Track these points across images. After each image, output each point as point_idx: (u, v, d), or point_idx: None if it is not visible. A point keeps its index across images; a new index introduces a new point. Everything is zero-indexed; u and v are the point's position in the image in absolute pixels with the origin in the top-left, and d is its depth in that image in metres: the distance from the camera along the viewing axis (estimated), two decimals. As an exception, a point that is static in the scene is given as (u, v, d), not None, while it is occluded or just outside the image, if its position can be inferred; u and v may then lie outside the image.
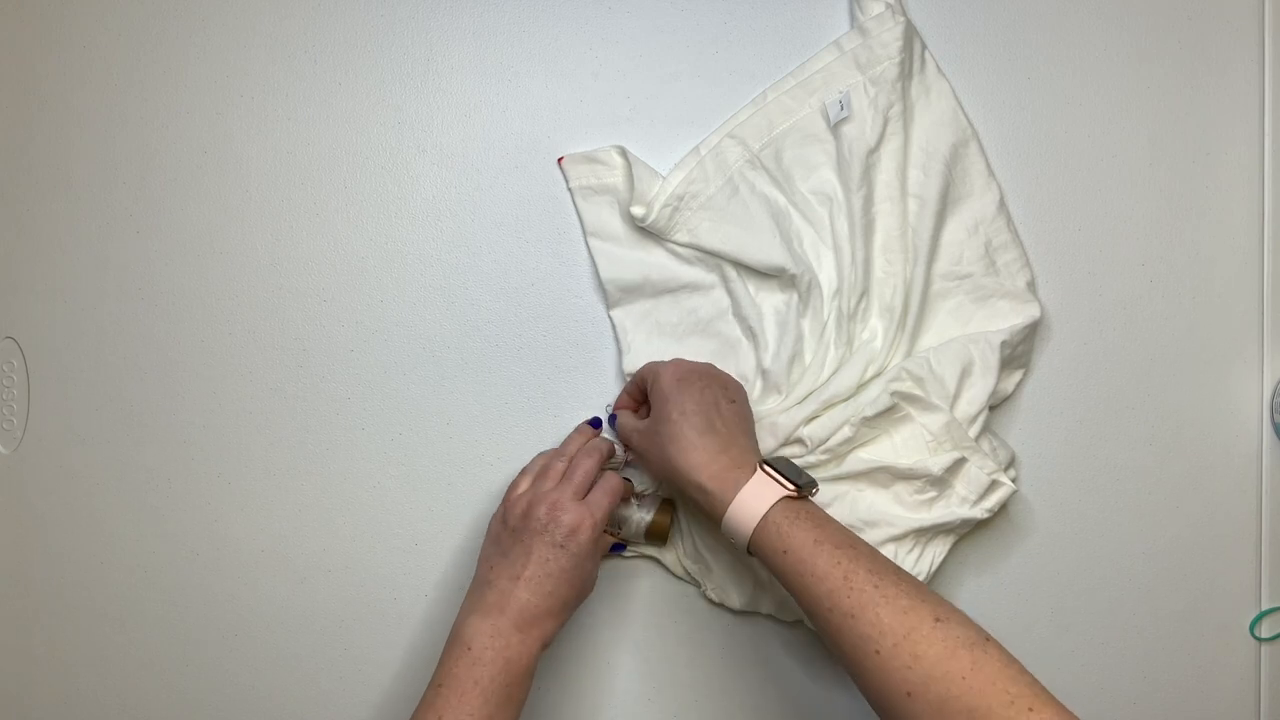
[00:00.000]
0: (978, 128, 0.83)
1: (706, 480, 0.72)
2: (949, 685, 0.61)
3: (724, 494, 0.71)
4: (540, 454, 0.81)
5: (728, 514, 0.70)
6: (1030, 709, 0.61)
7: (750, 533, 0.70)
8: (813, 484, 0.72)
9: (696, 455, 0.73)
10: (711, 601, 0.82)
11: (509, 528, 0.75)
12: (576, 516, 0.73)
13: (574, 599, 0.74)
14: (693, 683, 0.83)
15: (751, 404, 0.81)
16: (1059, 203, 0.84)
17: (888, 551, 0.79)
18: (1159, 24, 0.84)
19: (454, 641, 0.72)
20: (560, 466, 0.78)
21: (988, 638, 0.64)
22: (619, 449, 0.82)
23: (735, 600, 0.82)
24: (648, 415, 0.78)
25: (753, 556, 0.71)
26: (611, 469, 0.81)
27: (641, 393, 0.81)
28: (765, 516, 0.69)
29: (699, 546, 0.82)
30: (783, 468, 0.72)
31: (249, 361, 0.85)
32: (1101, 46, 0.84)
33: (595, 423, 0.83)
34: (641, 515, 0.80)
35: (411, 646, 0.84)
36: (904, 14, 0.82)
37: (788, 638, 0.83)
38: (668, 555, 0.83)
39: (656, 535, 0.81)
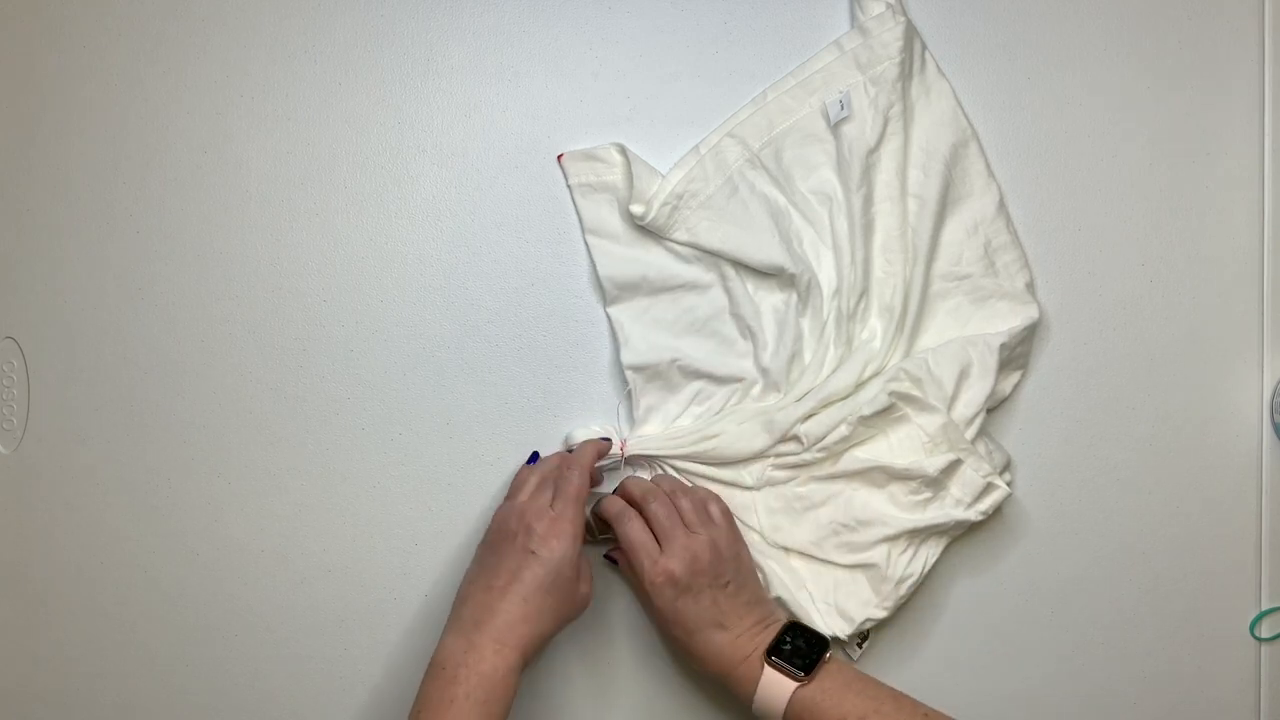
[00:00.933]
0: (978, 128, 0.83)
1: (726, 678, 0.75)
2: None
3: (745, 690, 0.74)
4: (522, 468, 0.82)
5: (754, 709, 0.74)
6: None
7: None
8: (824, 652, 0.74)
9: (711, 664, 0.75)
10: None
11: (488, 543, 0.76)
12: (548, 524, 0.74)
13: (553, 607, 0.73)
14: (684, 685, 0.83)
15: (750, 401, 0.81)
16: (1059, 203, 0.84)
17: (881, 551, 0.79)
18: (1159, 24, 0.84)
19: (430, 667, 0.72)
20: (533, 480, 0.79)
21: None
22: (615, 440, 0.81)
23: None
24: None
25: None
26: (611, 468, 0.81)
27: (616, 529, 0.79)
28: (786, 713, 0.73)
29: None
30: (791, 649, 0.74)
31: (249, 361, 0.85)
32: (1101, 46, 0.84)
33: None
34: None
35: (411, 646, 0.84)
36: (904, 14, 0.82)
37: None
38: None
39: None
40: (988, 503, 0.79)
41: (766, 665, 0.73)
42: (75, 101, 0.87)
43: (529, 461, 0.82)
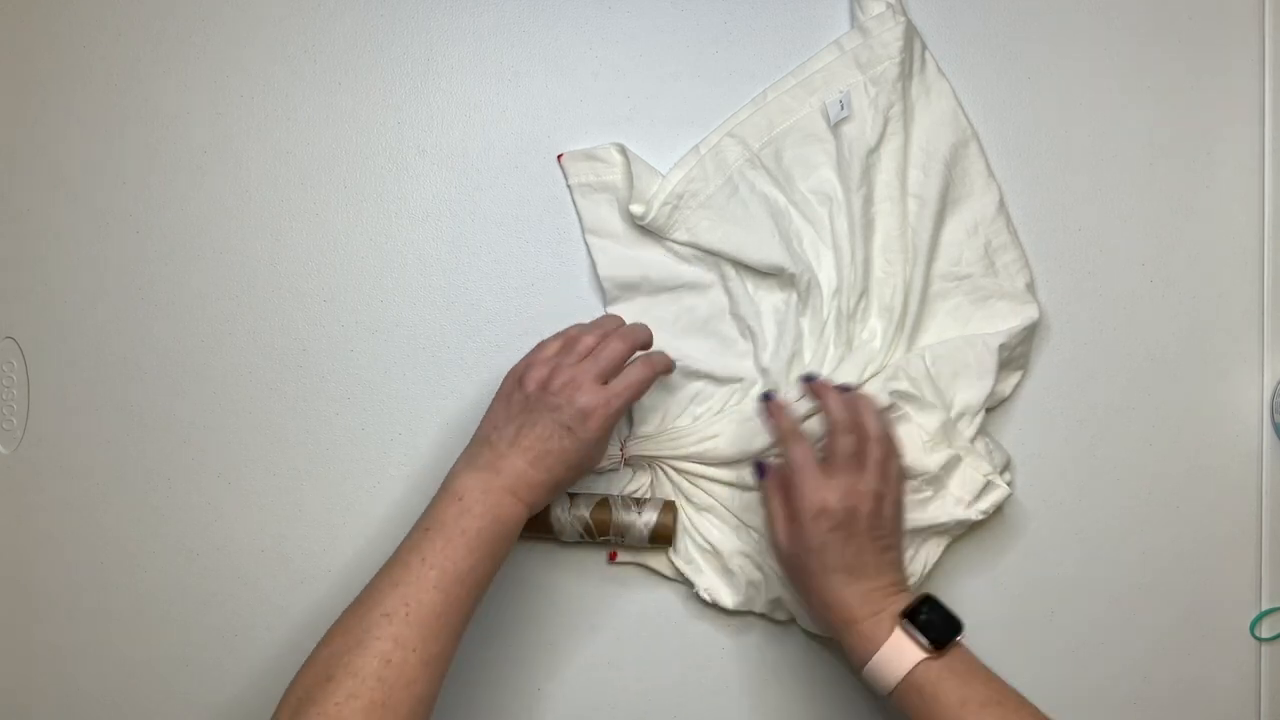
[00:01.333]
0: (978, 128, 0.83)
1: (846, 629, 0.71)
2: None
3: (864, 648, 0.70)
4: (575, 325, 0.78)
5: (865, 671, 0.70)
6: None
7: (889, 690, 0.69)
8: (957, 631, 0.70)
9: (836, 611, 0.72)
10: (704, 601, 0.82)
11: (523, 391, 0.73)
12: (591, 401, 0.72)
13: (569, 479, 0.74)
14: (686, 682, 0.83)
15: (750, 401, 0.81)
16: (1059, 203, 0.84)
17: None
18: (1159, 24, 0.84)
19: (445, 491, 0.71)
20: (589, 342, 0.75)
21: None
22: (616, 442, 0.81)
23: (728, 600, 0.81)
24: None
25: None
26: (610, 469, 0.81)
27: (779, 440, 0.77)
28: (905, 679, 0.69)
29: (689, 547, 0.82)
30: (926, 618, 0.70)
31: (249, 361, 0.85)
32: (1102, 46, 0.84)
33: None
34: (646, 519, 0.80)
35: (411, 646, 0.84)
36: (904, 14, 0.82)
37: (781, 637, 0.83)
38: (658, 557, 0.83)
39: (662, 539, 0.80)
40: (988, 502, 0.79)
41: (898, 628, 0.70)
42: (75, 101, 0.87)
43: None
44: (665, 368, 0.78)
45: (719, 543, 0.81)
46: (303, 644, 0.84)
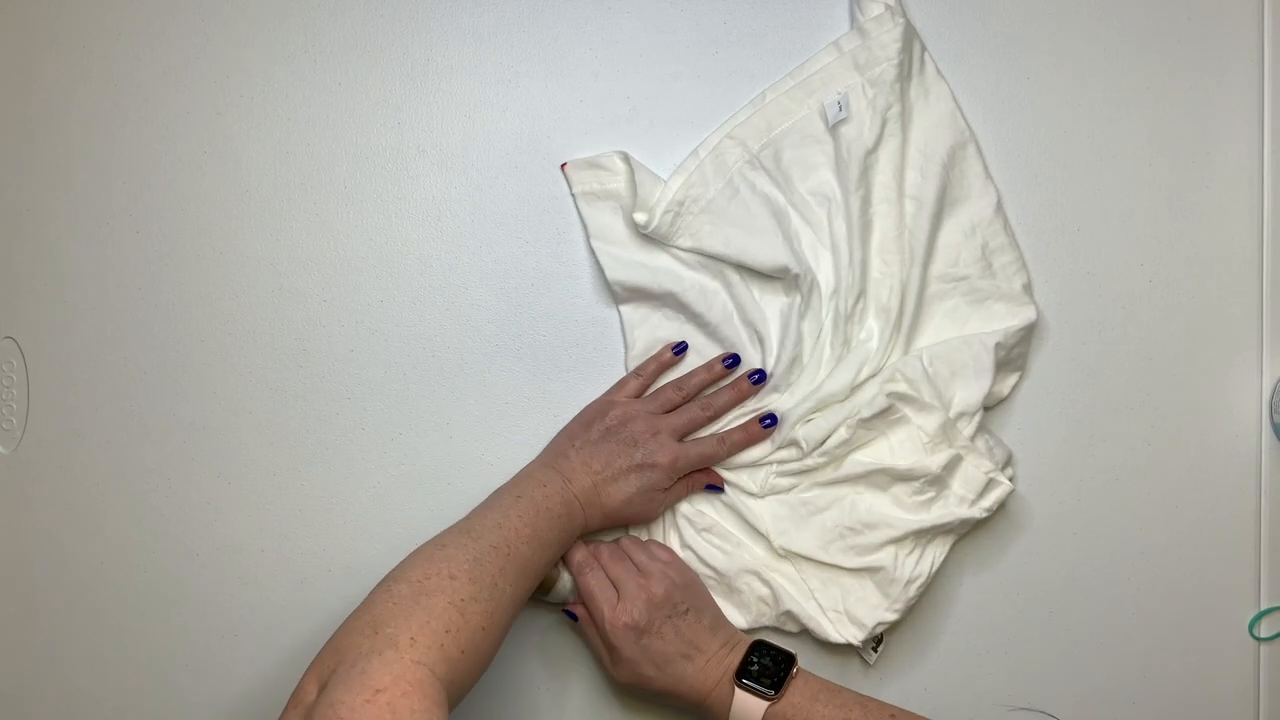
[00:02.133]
0: (976, 128, 0.83)
1: (700, 707, 0.76)
2: None
3: (720, 714, 0.75)
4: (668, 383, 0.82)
5: None
6: None
7: None
8: (790, 666, 0.75)
9: (688, 696, 0.76)
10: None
11: (604, 423, 0.79)
12: (663, 450, 0.78)
13: (622, 515, 0.79)
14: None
15: (753, 403, 0.81)
16: (1059, 203, 0.84)
17: (888, 554, 0.79)
18: (1159, 24, 0.84)
19: (529, 477, 0.77)
20: (673, 398, 0.80)
21: None
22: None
23: (739, 621, 0.81)
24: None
25: None
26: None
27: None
28: None
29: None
30: (759, 668, 0.75)
31: (249, 361, 0.85)
32: (1101, 47, 0.84)
33: (758, 377, 0.81)
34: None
35: (411, 646, 0.84)
36: (903, 15, 0.82)
37: (794, 647, 0.83)
38: None
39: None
40: (991, 499, 0.79)
41: (737, 689, 0.74)
42: (75, 102, 0.87)
43: (676, 351, 0.83)
44: (732, 451, 0.81)
45: (722, 566, 0.81)
46: (303, 644, 0.84)
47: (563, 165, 0.84)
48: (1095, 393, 0.84)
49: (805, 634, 0.81)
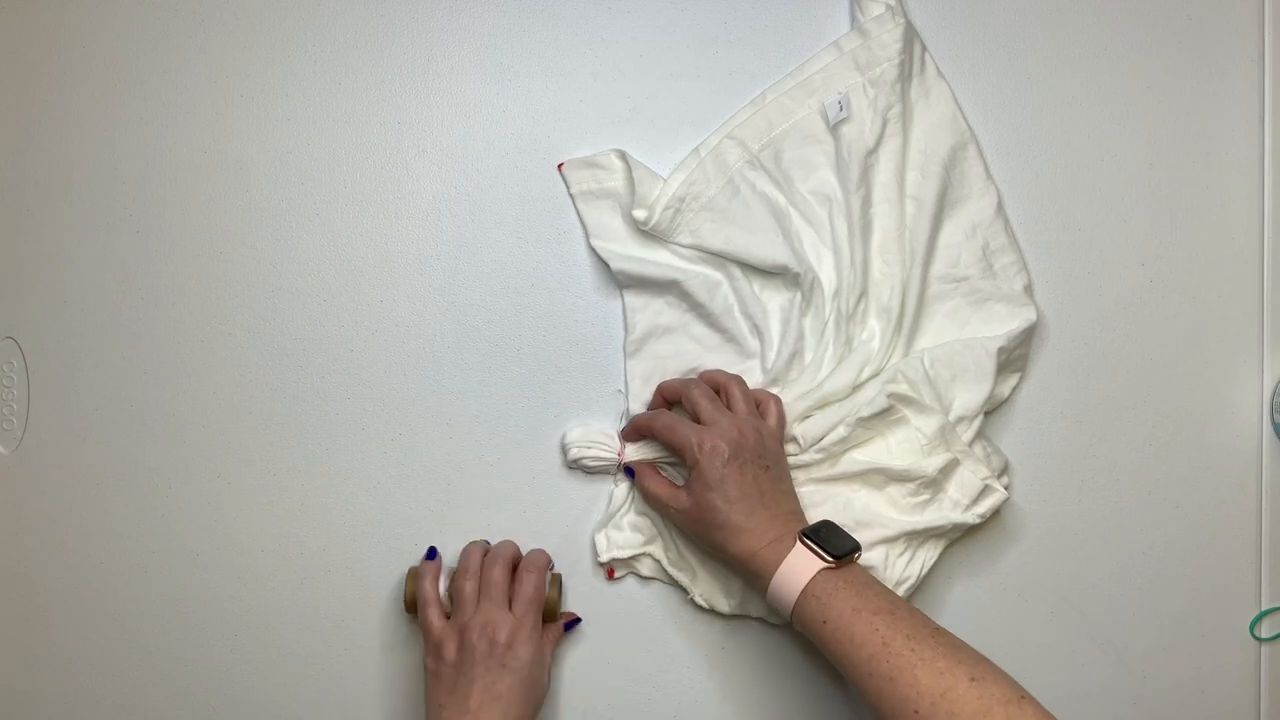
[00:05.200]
0: (977, 128, 0.83)
1: (751, 560, 0.74)
2: None
3: (767, 570, 0.73)
4: (431, 584, 0.80)
5: (770, 589, 0.72)
6: None
7: (792, 605, 0.71)
8: (854, 549, 0.73)
9: (744, 540, 0.74)
10: (699, 606, 0.82)
11: (448, 664, 0.76)
12: (510, 632, 0.75)
13: (530, 711, 0.75)
14: (683, 685, 0.83)
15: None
16: (1059, 203, 0.84)
17: (879, 553, 0.79)
18: (1159, 24, 0.84)
19: None
20: (471, 587, 0.78)
21: (1023, 695, 0.65)
22: (615, 444, 0.81)
23: (724, 605, 0.82)
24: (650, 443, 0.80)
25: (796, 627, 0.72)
26: (607, 472, 0.81)
27: (651, 431, 0.80)
28: (805, 590, 0.71)
29: (682, 551, 0.82)
30: (824, 535, 0.73)
31: (249, 361, 0.85)
32: (1101, 46, 0.84)
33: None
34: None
35: (411, 647, 0.84)
36: (904, 15, 0.82)
37: (778, 640, 0.83)
38: (646, 563, 0.83)
39: (548, 613, 0.80)
40: (985, 505, 0.79)
41: (798, 542, 0.72)
42: (75, 101, 0.87)
43: (428, 557, 0.82)
44: (546, 564, 0.81)
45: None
46: (303, 644, 0.84)
47: (559, 165, 0.84)
48: (1095, 393, 0.84)
49: (790, 627, 0.81)
